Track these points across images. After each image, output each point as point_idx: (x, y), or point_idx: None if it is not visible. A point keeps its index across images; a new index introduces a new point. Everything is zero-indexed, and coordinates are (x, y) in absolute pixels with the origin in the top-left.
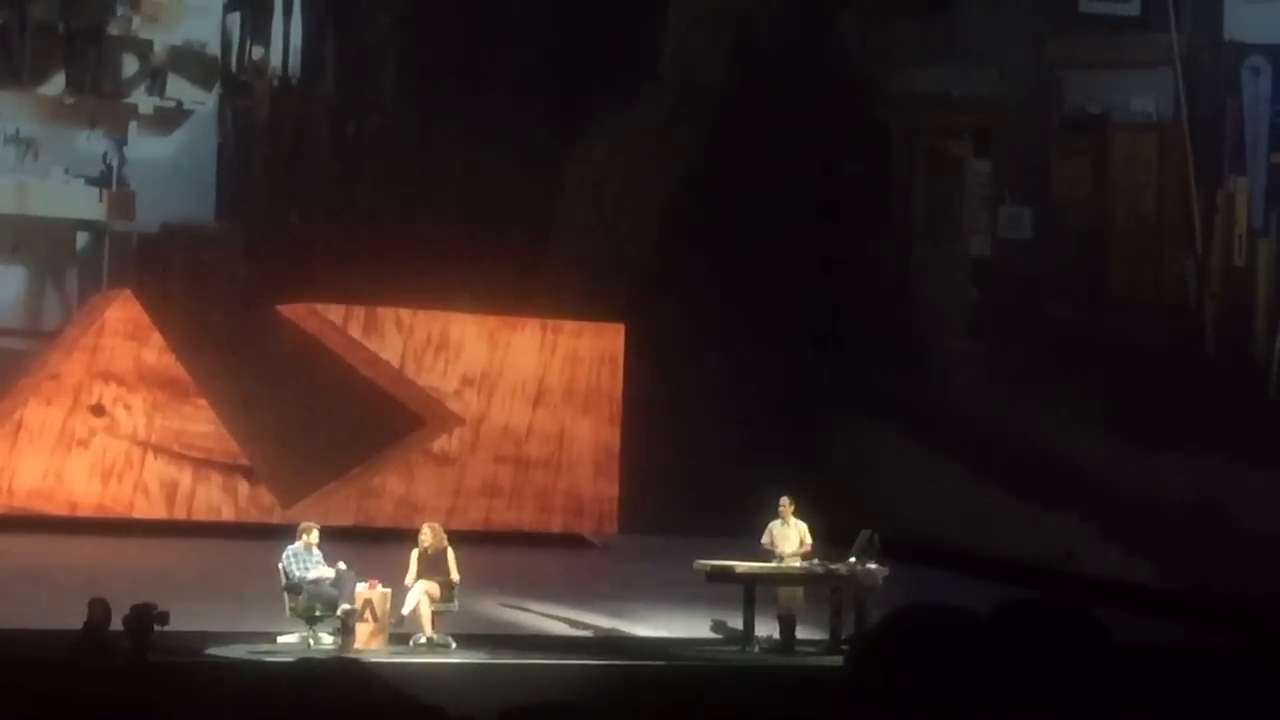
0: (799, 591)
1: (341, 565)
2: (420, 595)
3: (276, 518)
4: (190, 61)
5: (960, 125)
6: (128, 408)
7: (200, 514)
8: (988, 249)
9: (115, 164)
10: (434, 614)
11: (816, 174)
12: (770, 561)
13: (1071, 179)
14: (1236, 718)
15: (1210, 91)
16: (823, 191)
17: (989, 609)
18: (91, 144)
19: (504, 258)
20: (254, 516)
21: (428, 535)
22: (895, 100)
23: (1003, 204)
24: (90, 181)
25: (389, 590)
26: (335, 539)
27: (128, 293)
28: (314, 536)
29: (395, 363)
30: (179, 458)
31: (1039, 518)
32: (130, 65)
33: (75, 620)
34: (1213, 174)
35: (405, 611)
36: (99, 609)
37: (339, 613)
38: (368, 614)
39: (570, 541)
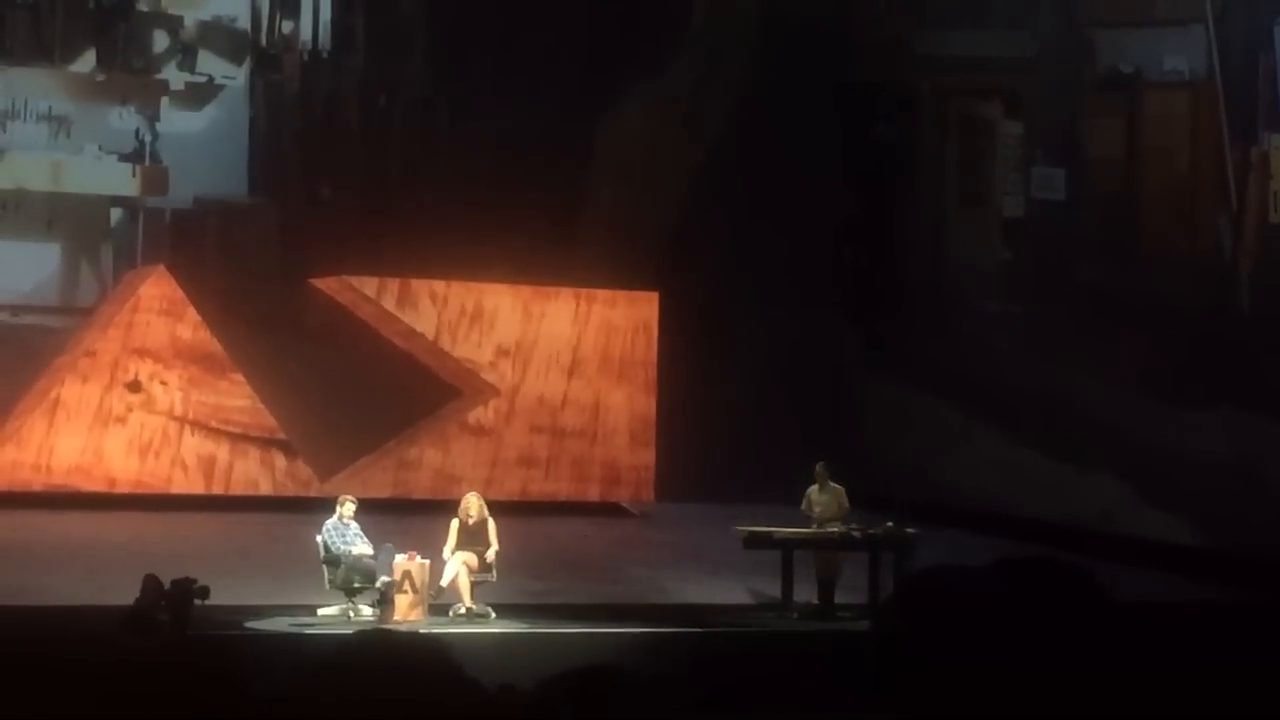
0: (837, 556)
1: (388, 545)
2: (459, 566)
3: (314, 491)
4: (220, 36)
5: (991, 87)
6: (164, 384)
7: (238, 488)
8: (1020, 210)
9: (147, 140)
10: (473, 585)
11: (847, 139)
12: (808, 527)
13: (1104, 139)
14: (1243, 680)
15: (1243, 48)
16: (854, 156)
17: (988, 565)
18: (124, 120)
19: (537, 228)
20: (291, 490)
21: (472, 505)
22: (925, 63)
23: (1035, 165)
24: (123, 158)
25: (428, 561)
26: (373, 511)
27: (162, 268)
28: (349, 509)
29: (430, 335)
30: (216, 433)
31: (1075, 479)
32: (160, 41)
33: (116, 596)
34: (1246, 131)
35: (444, 583)
36: (151, 585)
37: (378, 585)
38: (406, 585)
39: (607, 510)
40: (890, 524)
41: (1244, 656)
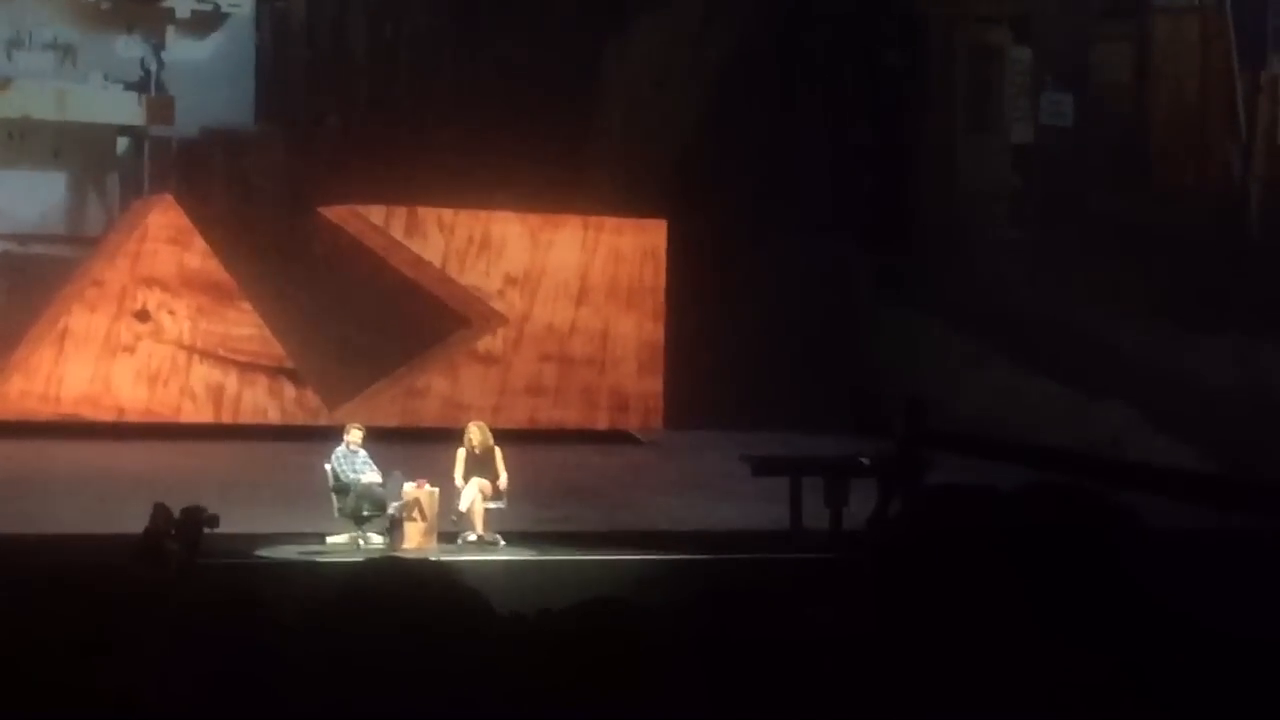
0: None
1: (397, 473)
2: (475, 493)
3: (323, 419)
4: None
5: (999, 13)
6: (172, 313)
7: (246, 417)
8: (1030, 136)
9: (153, 69)
10: (486, 511)
11: (856, 66)
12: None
13: (1113, 64)
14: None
15: None
16: (863, 83)
17: (1008, 490)
18: (129, 49)
19: (544, 156)
20: (300, 419)
21: (474, 434)
22: None
23: (1044, 91)
24: (129, 87)
25: (436, 489)
26: (381, 439)
27: (169, 198)
28: (357, 437)
29: (438, 263)
30: (224, 361)
31: (1085, 405)
32: None
33: (126, 524)
34: (1255, 56)
35: (463, 508)
36: (161, 514)
37: (388, 512)
38: (416, 513)
39: (616, 438)
40: (899, 450)
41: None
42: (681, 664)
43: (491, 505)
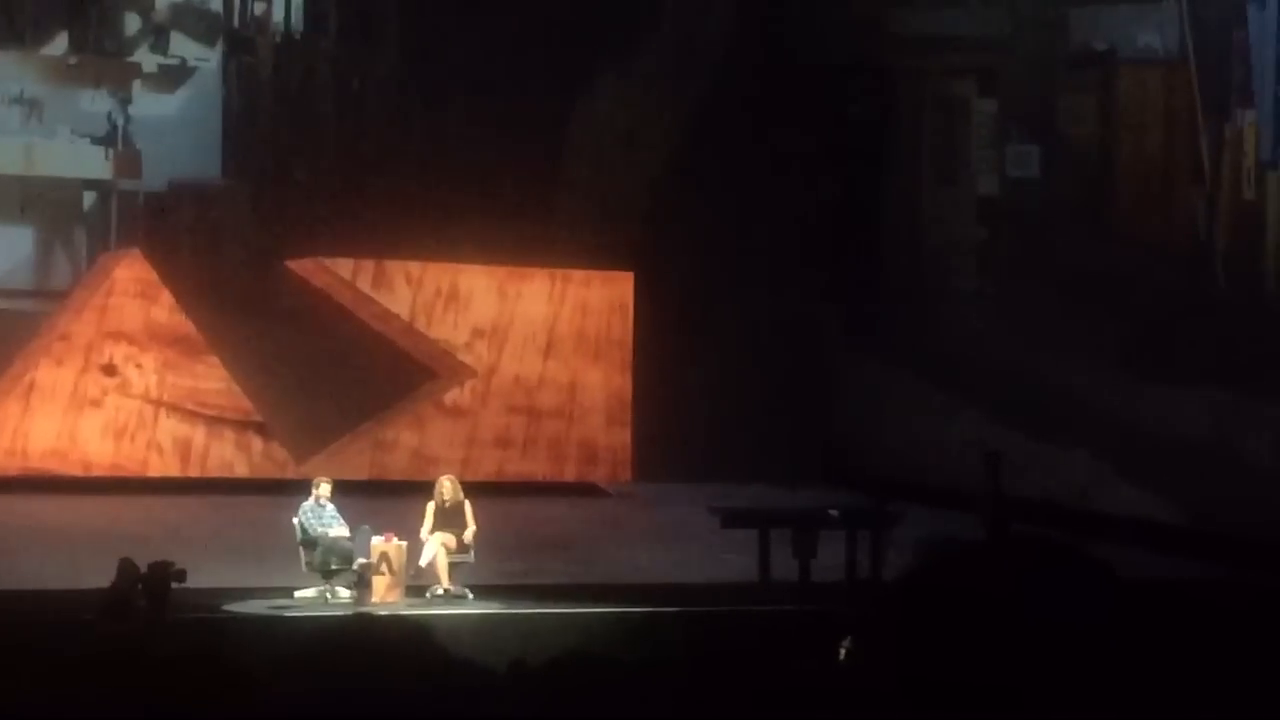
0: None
1: (365, 527)
2: (438, 547)
3: (290, 473)
4: (192, 18)
5: (965, 65)
6: (139, 366)
7: (214, 471)
8: (995, 188)
9: (120, 123)
10: (450, 565)
11: (822, 118)
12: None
13: (1078, 116)
14: (1245, 652)
15: (1216, 25)
16: (828, 136)
17: (984, 542)
18: (96, 103)
19: (511, 208)
20: (268, 472)
21: (447, 488)
22: (898, 42)
23: (1009, 143)
24: (96, 141)
25: (405, 543)
26: (349, 493)
27: (136, 251)
28: (325, 490)
29: (405, 316)
30: (192, 415)
31: (1053, 456)
32: (132, 23)
33: (93, 579)
34: (1220, 108)
35: (423, 563)
36: (127, 569)
37: (355, 566)
38: (384, 567)
39: (585, 490)
40: (867, 503)
41: (1228, 632)
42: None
43: (457, 559)
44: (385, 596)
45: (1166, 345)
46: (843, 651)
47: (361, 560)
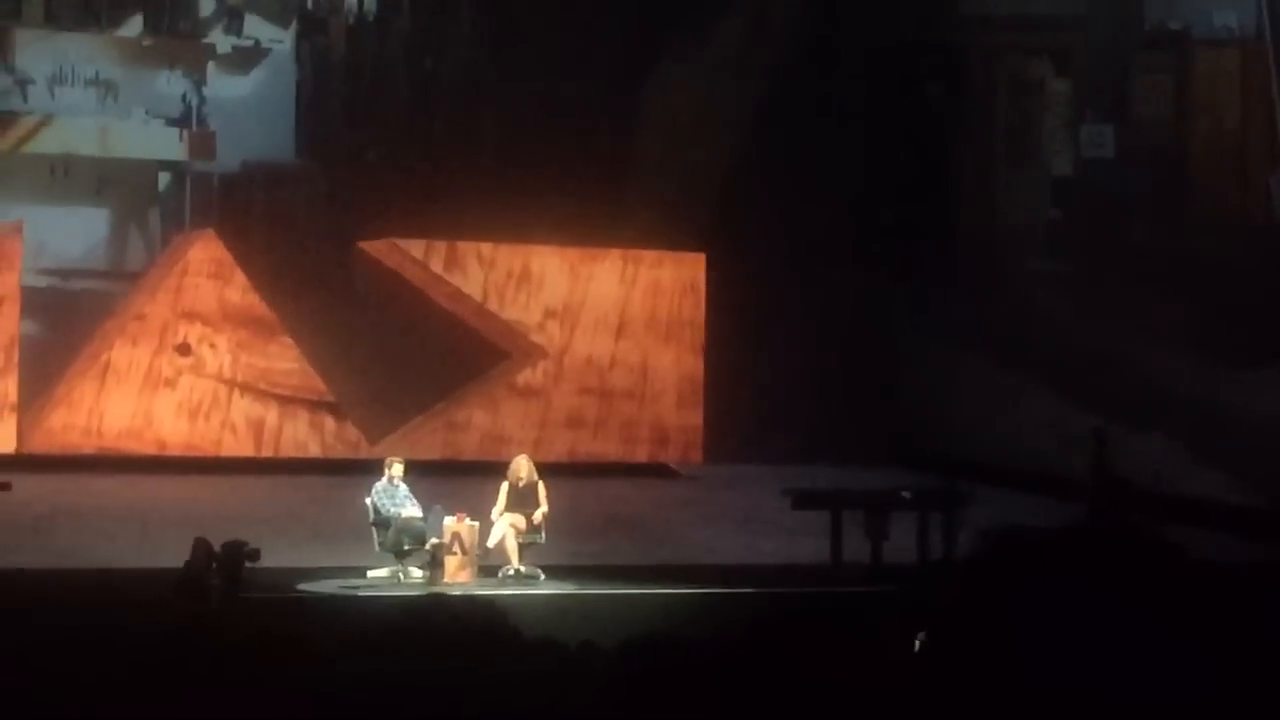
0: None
1: (438, 507)
2: (505, 528)
3: (363, 453)
4: (266, 0)
5: (1040, 45)
6: (213, 347)
7: (287, 451)
8: (1069, 169)
9: (195, 104)
10: (522, 546)
11: (894, 99)
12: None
13: (1153, 97)
14: None
15: None
16: (901, 116)
17: (1059, 531)
18: (171, 85)
19: (584, 189)
20: (341, 452)
21: (522, 467)
22: (974, 22)
23: (1084, 123)
24: (170, 122)
25: (476, 523)
26: (422, 473)
27: (210, 232)
28: (398, 470)
29: (478, 297)
30: (265, 395)
31: (1126, 438)
32: (207, 5)
33: (168, 559)
34: None
35: (490, 544)
36: (202, 548)
37: (427, 546)
38: (456, 547)
39: (656, 471)
40: (938, 484)
41: None
42: (733, 700)
43: (529, 540)
44: (457, 576)
45: (1241, 326)
46: (918, 644)
47: (434, 540)
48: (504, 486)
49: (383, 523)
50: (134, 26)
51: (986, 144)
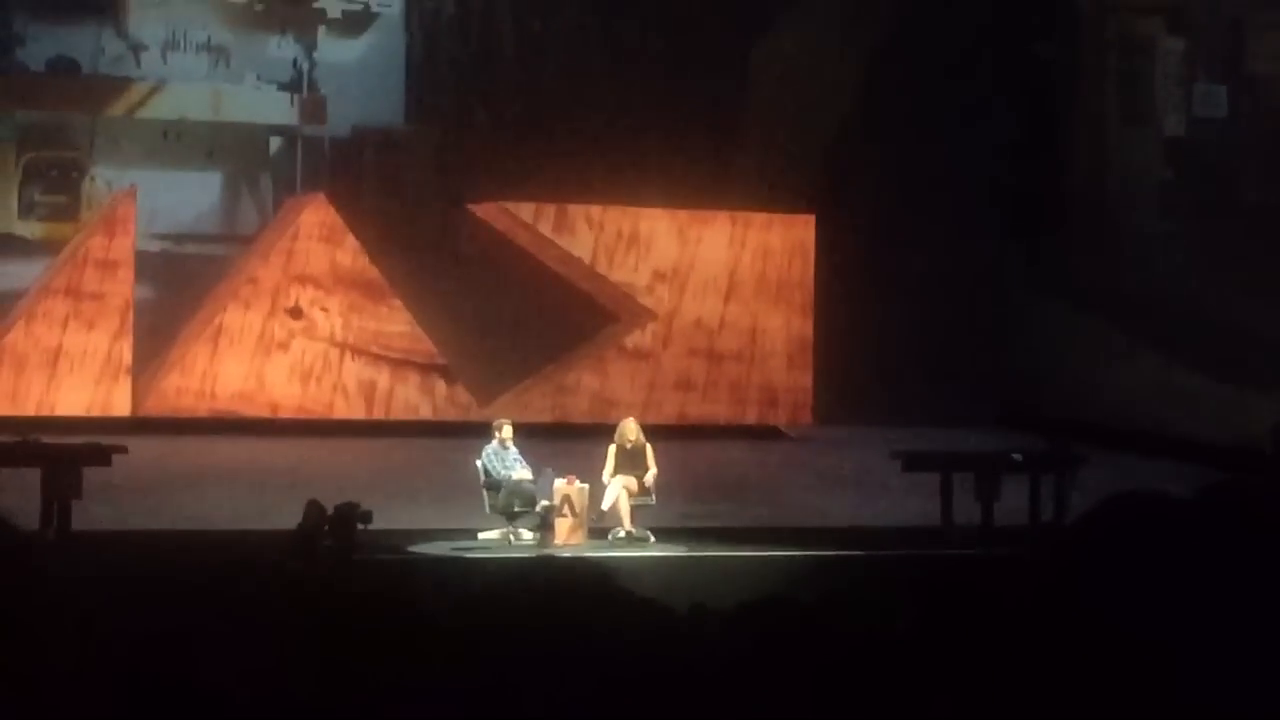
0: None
1: (548, 470)
2: (619, 490)
3: (474, 415)
4: None
5: (1152, 3)
6: (325, 310)
7: (398, 413)
8: (1182, 129)
9: (305, 69)
10: (632, 508)
11: (1005, 58)
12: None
13: (1267, 55)
14: None
15: None
16: (1012, 75)
17: (1192, 494)
18: (282, 49)
19: (692, 151)
20: (451, 415)
21: (630, 430)
22: None
23: (1196, 82)
24: (282, 87)
25: (586, 486)
26: (532, 436)
27: (321, 196)
28: (508, 433)
29: (587, 259)
30: (376, 358)
31: (1240, 398)
32: None
33: (280, 521)
34: None
35: (605, 506)
36: (314, 510)
37: (538, 508)
38: (566, 509)
39: (765, 433)
40: (1048, 446)
41: None
42: (855, 663)
43: (639, 502)
44: (568, 539)
45: None
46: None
47: (544, 502)
48: (612, 449)
49: (493, 485)
50: None
51: (1098, 103)
